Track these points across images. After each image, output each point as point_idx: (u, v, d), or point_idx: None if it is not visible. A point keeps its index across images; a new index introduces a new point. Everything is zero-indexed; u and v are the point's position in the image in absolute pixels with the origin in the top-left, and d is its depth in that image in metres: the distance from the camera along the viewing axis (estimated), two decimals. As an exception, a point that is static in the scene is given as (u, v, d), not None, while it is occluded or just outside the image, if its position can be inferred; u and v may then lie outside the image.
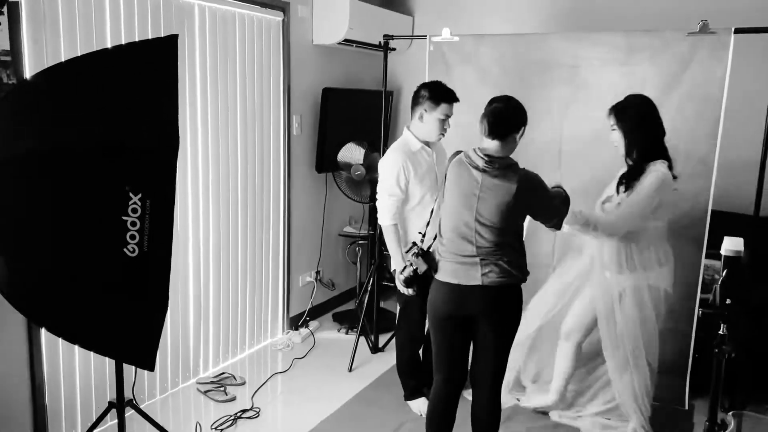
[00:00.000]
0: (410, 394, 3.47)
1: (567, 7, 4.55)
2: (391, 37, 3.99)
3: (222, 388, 3.61)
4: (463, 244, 2.53)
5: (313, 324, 4.59)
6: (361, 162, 4.29)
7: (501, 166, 2.48)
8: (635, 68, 3.45)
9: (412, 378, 3.46)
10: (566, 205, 2.70)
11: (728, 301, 1.85)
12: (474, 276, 2.50)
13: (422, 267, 2.66)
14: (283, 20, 4.07)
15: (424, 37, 3.94)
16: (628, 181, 2.89)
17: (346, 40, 4.34)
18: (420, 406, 3.41)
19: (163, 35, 2.51)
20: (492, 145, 2.52)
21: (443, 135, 3.17)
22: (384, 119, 4.13)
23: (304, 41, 4.31)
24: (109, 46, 2.88)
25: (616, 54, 3.50)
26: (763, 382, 3.48)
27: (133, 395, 2.80)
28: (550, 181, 3.13)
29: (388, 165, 3.16)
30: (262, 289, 4.24)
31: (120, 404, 2.55)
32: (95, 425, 2.65)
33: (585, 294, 3.19)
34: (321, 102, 4.42)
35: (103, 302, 2.13)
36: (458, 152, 2.63)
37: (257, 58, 3.91)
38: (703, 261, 3.44)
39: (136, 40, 2.90)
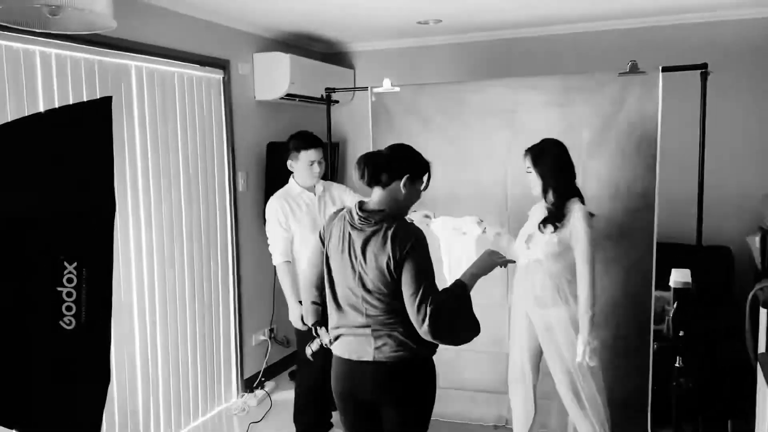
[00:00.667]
0: None
1: (504, 53, 4.69)
2: (333, 90, 4.01)
3: (175, 461, 3.43)
4: (354, 314, 2.19)
5: (269, 384, 4.44)
6: (310, 215, 4.24)
7: (377, 220, 2.14)
8: (573, 109, 3.56)
9: (299, 423, 3.55)
10: (453, 304, 2.12)
11: (681, 333, 1.86)
12: (366, 350, 2.16)
13: (325, 339, 2.35)
14: (224, 78, 4.06)
15: (365, 88, 3.98)
16: (553, 221, 2.92)
17: (288, 95, 4.34)
18: None
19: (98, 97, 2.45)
20: (374, 195, 2.22)
21: (317, 178, 3.38)
22: (330, 170, 4.11)
23: (246, 98, 4.29)
24: (41, 110, 2.80)
25: (553, 96, 3.60)
26: (718, 409, 3.50)
27: (77, 478, 2.61)
28: (500, 225, 3.15)
29: (268, 209, 3.39)
30: (214, 351, 4.09)
31: (62, 490, 2.36)
32: None
33: (517, 333, 3.19)
34: (266, 157, 4.39)
35: (40, 380, 1.99)
36: (340, 210, 2.30)
37: (199, 116, 3.86)
38: (654, 293, 3.50)
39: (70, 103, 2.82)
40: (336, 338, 2.26)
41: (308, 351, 2.45)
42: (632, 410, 3.57)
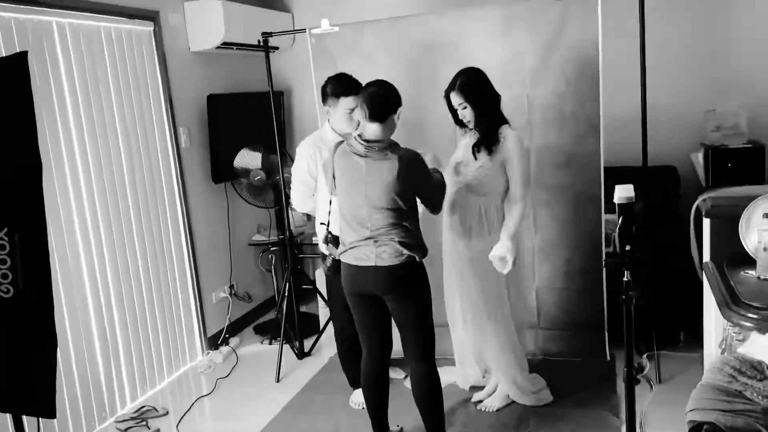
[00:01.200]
0: (352, 384, 3.44)
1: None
2: (270, 34, 3.88)
3: (143, 423, 3.41)
4: (360, 228, 2.61)
5: (233, 341, 4.43)
6: (260, 167, 4.17)
7: (381, 148, 2.56)
8: (514, 38, 3.52)
9: (350, 368, 3.40)
10: (442, 190, 2.78)
11: (627, 248, 1.89)
12: (369, 257, 2.60)
13: (335, 251, 2.80)
14: (154, 30, 3.87)
15: (303, 30, 3.86)
16: (489, 144, 2.93)
17: (224, 44, 4.19)
18: (357, 397, 3.37)
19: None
20: (373, 129, 2.58)
21: (356, 127, 3.12)
22: (277, 120, 4.02)
23: (180, 49, 4.12)
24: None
25: (495, 27, 3.56)
26: (671, 323, 3.64)
27: (40, 448, 2.58)
28: (447, 160, 3.15)
29: (299, 154, 3.25)
30: (173, 311, 4.04)
31: (25, 460, 2.33)
32: (0, 488, 2.42)
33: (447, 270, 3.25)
34: (207, 110, 4.25)
35: (-17, 353, 1.93)
36: (341, 142, 2.71)
37: (131, 71, 3.69)
38: (603, 217, 3.56)
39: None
40: (345, 251, 2.68)
41: (323, 268, 2.89)
42: (590, 333, 3.69)
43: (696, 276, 2.75)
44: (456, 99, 2.94)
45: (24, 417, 2.33)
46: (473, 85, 2.92)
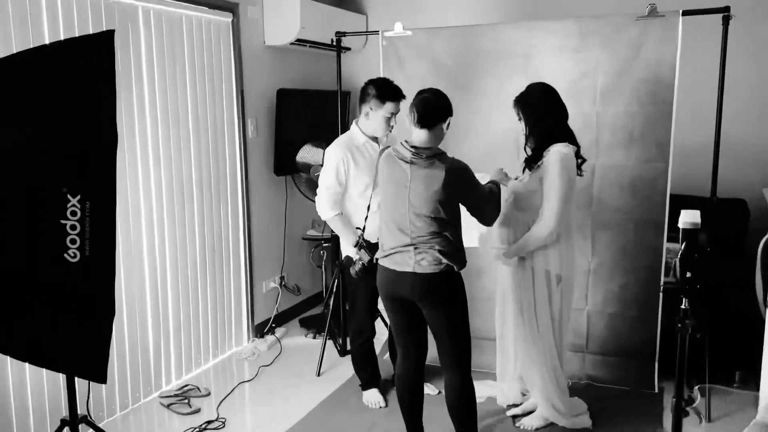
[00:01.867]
0: (363, 385, 3.48)
1: None
2: (344, 33, 3.94)
3: (186, 401, 3.50)
4: (401, 235, 2.62)
5: (279, 331, 4.50)
6: (320, 163, 4.22)
7: (428, 156, 2.57)
8: (588, 54, 3.46)
9: (363, 370, 3.47)
10: (496, 201, 2.76)
11: (688, 275, 1.83)
12: (408, 263, 2.61)
13: (365, 257, 2.88)
14: (233, 21, 3.99)
15: (376, 32, 3.90)
16: (530, 163, 2.93)
17: (298, 40, 4.28)
18: (370, 397, 3.42)
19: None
20: (420, 135, 2.60)
21: (390, 131, 3.19)
22: (341, 119, 4.07)
23: (255, 42, 4.23)
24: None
25: (569, 41, 3.51)
26: (726, 360, 3.50)
27: (89, 411, 2.68)
28: (511, 171, 3.13)
29: (329, 158, 3.20)
30: (225, 297, 4.13)
31: (73, 421, 2.43)
32: (48, 445, 2.52)
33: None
34: (276, 104, 4.35)
35: (46, 312, 2.02)
36: (387, 147, 2.74)
37: (207, 60, 3.82)
38: (665, 245, 3.46)
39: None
40: (384, 257, 2.69)
41: (352, 271, 2.90)
42: (640, 362, 3.58)
43: (758, 314, 2.63)
44: (514, 111, 2.94)
45: (76, 379, 2.43)
46: (531, 101, 2.90)
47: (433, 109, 2.60)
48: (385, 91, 3.07)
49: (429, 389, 3.52)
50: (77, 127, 1.95)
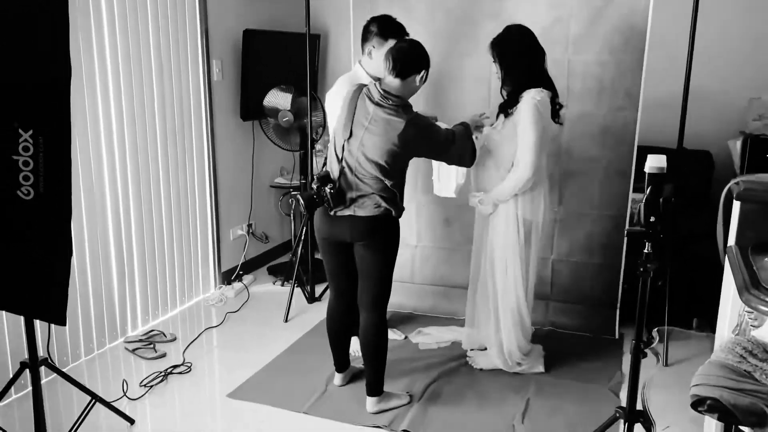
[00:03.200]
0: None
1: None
2: (313, -27, 3.80)
3: (151, 346, 3.48)
4: (350, 174, 2.61)
5: (247, 278, 4.48)
6: (289, 108, 4.14)
7: (395, 103, 2.56)
8: (562, 1, 3.40)
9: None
10: (462, 141, 2.74)
11: (652, 219, 1.84)
12: (349, 206, 2.62)
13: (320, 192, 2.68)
14: (197, -42, 3.82)
15: (346, -28, 3.77)
16: (505, 108, 2.91)
17: (266, -20, 4.12)
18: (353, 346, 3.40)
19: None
20: (393, 83, 2.59)
21: None
22: (311, 63, 3.97)
23: (221, -20, 4.07)
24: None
25: (543, -13, 3.44)
26: (687, 306, 3.59)
27: (49, 355, 2.64)
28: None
29: (333, 94, 3.10)
30: (191, 243, 4.08)
31: (33, 364, 2.39)
32: (7, 388, 2.49)
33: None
34: (243, 45, 4.21)
35: (0, 251, 1.96)
36: (362, 85, 2.68)
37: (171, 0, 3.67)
38: (631, 194, 3.50)
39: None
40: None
41: (299, 197, 2.68)
42: (602, 309, 3.66)
43: (719, 262, 2.69)
44: (490, 54, 2.90)
45: (36, 323, 2.39)
46: (508, 44, 2.85)
47: (409, 59, 2.58)
48: (388, 27, 2.99)
49: (395, 335, 3.55)
50: (28, 60, 1.86)
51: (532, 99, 2.80)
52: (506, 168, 2.93)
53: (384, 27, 2.99)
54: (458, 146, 2.73)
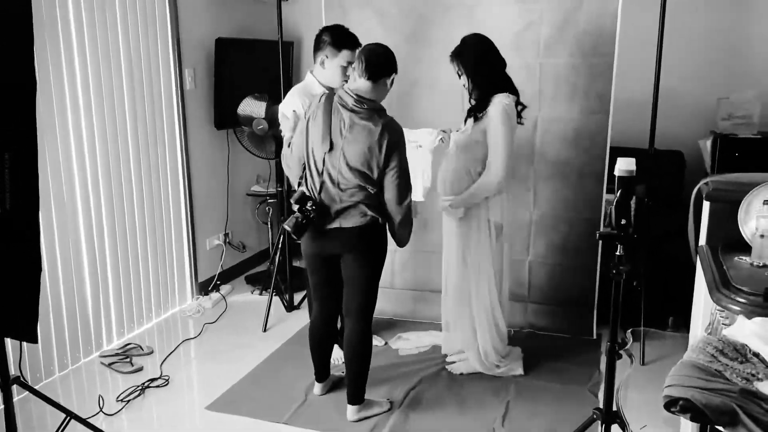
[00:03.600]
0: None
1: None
2: (284, -20, 3.80)
3: (128, 359, 3.43)
4: (330, 186, 2.60)
5: (224, 288, 4.44)
6: (263, 116, 4.12)
7: (369, 107, 2.55)
8: (532, 5, 3.44)
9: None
10: (407, 183, 2.66)
11: (623, 222, 1.86)
12: (332, 220, 2.62)
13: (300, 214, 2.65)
14: (167, -34, 3.79)
15: (318, -21, 3.77)
16: (474, 112, 2.95)
17: (237, -13, 4.11)
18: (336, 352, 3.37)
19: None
20: (364, 86, 2.58)
21: (346, 81, 3.05)
22: (284, 71, 3.95)
23: (192, -11, 4.04)
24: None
25: (514, -8, 3.47)
26: (662, 306, 3.63)
27: (21, 372, 2.60)
28: (456, 126, 3.12)
29: (285, 105, 3.09)
30: (166, 254, 4.03)
31: (5, 382, 2.34)
32: (-22, 407, 2.43)
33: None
34: (215, 54, 4.19)
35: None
36: (332, 93, 2.65)
37: (140, 9, 3.63)
38: (605, 196, 3.53)
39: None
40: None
41: (286, 227, 2.62)
42: (580, 310, 3.69)
43: (691, 261, 2.72)
44: (453, 66, 2.95)
45: (8, 342, 2.34)
46: (468, 54, 2.90)
47: (381, 62, 2.59)
48: (341, 38, 2.97)
49: (376, 341, 3.55)
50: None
51: (500, 103, 2.84)
52: (477, 171, 2.95)
53: (337, 37, 2.97)
54: (407, 184, 2.66)
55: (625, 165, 1.91)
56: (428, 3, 3.63)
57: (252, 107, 4.13)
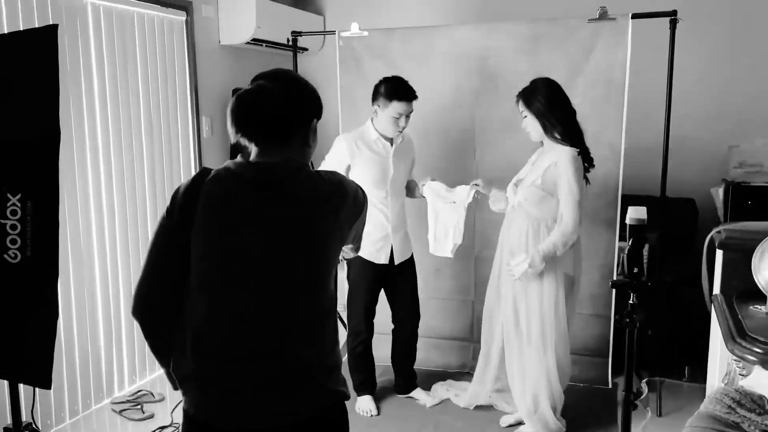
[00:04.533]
0: (356, 390, 3.38)
1: (476, 0, 4.60)
2: (299, 33, 3.92)
3: (139, 407, 3.42)
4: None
5: (236, 334, 4.42)
6: (277, 163, 4.18)
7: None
8: (541, 56, 3.51)
9: (357, 373, 3.38)
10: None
11: (635, 270, 1.86)
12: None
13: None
14: (187, 20, 3.92)
15: (333, 32, 3.89)
16: (542, 160, 2.89)
17: (254, 40, 4.23)
18: (362, 404, 3.35)
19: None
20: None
21: (400, 132, 3.14)
22: (298, 119, 4.03)
23: (210, 41, 4.17)
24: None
25: (523, 43, 3.55)
26: (678, 355, 3.58)
27: (33, 419, 2.58)
28: (468, 172, 3.18)
29: (335, 146, 3.18)
30: (180, 300, 4.04)
31: (17, 429, 2.34)
32: (-11, 454, 2.43)
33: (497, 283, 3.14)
34: (232, 103, 4.28)
35: (-15, 316, 1.95)
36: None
37: (161, 59, 3.74)
38: (617, 243, 3.53)
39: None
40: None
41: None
42: (594, 357, 3.64)
43: (707, 310, 2.70)
44: (519, 107, 2.90)
45: (21, 387, 2.35)
46: (536, 94, 2.85)
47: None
48: (393, 89, 3.04)
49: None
50: (17, 123, 1.89)
51: (570, 153, 2.78)
52: (546, 225, 2.85)
53: (389, 88, 3.05)
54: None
55: (636, 214, 1.92)
56: (438, 54, 3.71)
57: (267, 155, 4.20)
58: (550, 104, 2.84)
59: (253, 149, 1.52)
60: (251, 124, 1.50)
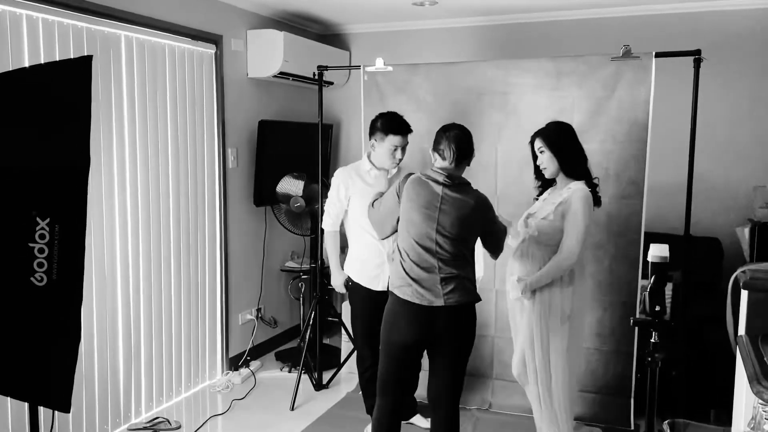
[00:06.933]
0: (368, 411, 3.38)
1: (498, 37, 4.66)
2: (326, 67, 3.99)
3: (155, 434, 3.42)
4: (425, 255, 2.62)
5: (254, 364, 4.43)
6: (300, 194, 4.23)
7: (459, 182, 2.68)
8: (564, 93, 3.53)
9: (368, 397, 3.38)
10: (505, 235, 2.85)
11: (657, 308, 1.84)
12: (437, 295, 2.59)
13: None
14: (216, 53, 4.03)
15: (358, 67, 3.96)
16: (554, 197, 2.92)
17: (281, 73, 4.32)
18: None
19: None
20: (450, 168, 2.69)
21: (397, 164, 3.25)
22: (323, 151, 4.09)
23: (238, 74, 4.27)
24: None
25: (545, 80, 3.58)
26: (703, 396, 3.49)
27: (51, 442, 2.61)
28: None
29: (333, 180, 3.38)
30: (199, 328, 4.07)
31: (35, 453, 2.35)
32: (7, 477, 2.44)
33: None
34: (258, 135, 4.36)
35: (9, 336, 1.98)
36: (410, 174, 2.74)
37: (189, 90, 3.84)
38: (640, 281, 3.49)
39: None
40: (402, 286, 2.64)
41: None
42: (616, 397, 3.57)
43: (731, 350, 2.64)
44: (537, 143, 2.95)
45: (40, 409, 2.37)
46: (555, 131, 2.93)
47: (468, 146, 2.71)
48: (389, 124, 3.15)
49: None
50: (49, 150, 1.95)
51: (583, 191, 2.84)
52: (548, 257, 2.90)
53: (386, 123, 3.17)
54: (503, 236, 2.85)
55: (658, 251, 1.91)
56: (461, 90, 3.75)
57: (290, 186, 4.26)
58: (567, 144, 2.92)
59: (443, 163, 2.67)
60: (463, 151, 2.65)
